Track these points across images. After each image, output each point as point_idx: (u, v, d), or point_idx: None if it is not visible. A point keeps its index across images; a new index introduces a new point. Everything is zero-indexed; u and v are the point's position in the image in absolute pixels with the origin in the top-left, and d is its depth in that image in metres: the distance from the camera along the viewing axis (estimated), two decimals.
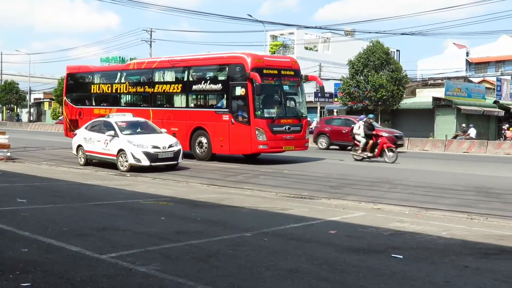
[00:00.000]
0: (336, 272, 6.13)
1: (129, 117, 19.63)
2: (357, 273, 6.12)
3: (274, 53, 60.13)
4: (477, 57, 73.42)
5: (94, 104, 25.94)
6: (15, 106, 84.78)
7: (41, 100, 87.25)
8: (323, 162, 21.99)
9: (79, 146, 19.37)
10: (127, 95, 24.87)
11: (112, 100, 25.43)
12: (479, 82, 58.78)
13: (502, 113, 49.38)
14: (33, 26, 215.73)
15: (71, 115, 26.52)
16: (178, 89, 22.03)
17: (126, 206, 10.94)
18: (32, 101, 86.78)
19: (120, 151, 17.45)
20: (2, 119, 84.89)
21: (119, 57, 68.13)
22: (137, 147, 17.25)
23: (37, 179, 15.10)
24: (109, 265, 6.19)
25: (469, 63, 73.59)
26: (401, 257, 6.87)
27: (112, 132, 17.85)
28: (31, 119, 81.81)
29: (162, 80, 22.94)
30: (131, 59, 70.62)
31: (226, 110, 19.47)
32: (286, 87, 19.86)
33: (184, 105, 21.68)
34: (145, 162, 17.11)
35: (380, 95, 41.01)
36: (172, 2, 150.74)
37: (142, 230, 8.33)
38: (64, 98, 27.87)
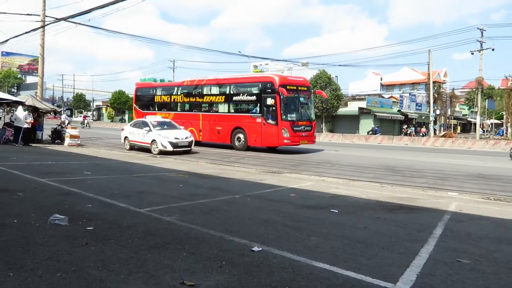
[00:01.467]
0: (295, 221, 6.17)
1: (159, 118, 20.06)
2: (308, 221, 6.16)
3: None
4: (387, 81, 74.66)
5: (156, 109, 25.17)
6: (83, 110, 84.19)
7: (100, 106, 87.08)
8: (287, 150, 21.99)
9: (126, 137, 19.54)
10: (182, 104, 24.10)
11: (170, 107, 24.76)
12: (388, 98, 59.74)
13: (402, 118, 51.08)
14: (96, 56, 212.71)
15: (139, 117, 24.46)
16: (222, 99, 21.34)
17: (157, 177, 10.88)
18: (94, 107, 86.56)
19: (153, 140, 17.65)
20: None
21: (153, 78, 67.36)
22: (164, 138, 17.46)
23: (98, 159, 14.96)
24: (145, 216, 6.17)
25: (382, 85, 74.50)
26: (337, 211, 6.92)
27: (147, 128, 18.12)
28: (93, 119, 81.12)
29: (209, 93, 22.30)
30: (160, 80, 70.78)
31: (259, 114, 19.00)
32: (301, 99, 19.43)
33: (226, 110, 21.08)
34: (170, 148, 17.26)
35: (324, 105, 41.29)
36: (189, 41, 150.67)
37: (167, 193, 8.30)
38: (134, 105, 27.50)
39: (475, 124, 34.89)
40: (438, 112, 49.18)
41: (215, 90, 21.95)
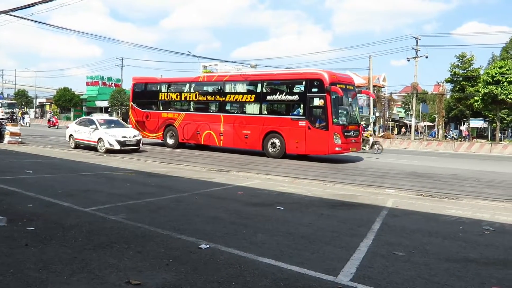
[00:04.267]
0: (242, 218, 6.19)
1: (105, 116, 19.36)
2: (255, 218, 6.21)
3: None
4: None
5: (161, 109, 21.05)
6: (25, 107, 79.50)
7: (44, 103, 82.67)
8: (236, 151, 21.88)
9: (71, 135, 18.64)
10: (196, 103, 19.85)
11: (180, 106, 20.67)
12: None
13: None
14: (40, 52, 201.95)
15: (137, 117, 21.70)
16: (251, 98, 17.56)
17: (103, 176, 10.50)
18: (37, 104, 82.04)
19: (99, 139, 16.99)
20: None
21: (100, 76, 64.99)
22: (111, 136, 16.88)
23: (40, 157, 14.18)
24: (90, 215, 5.94)
25: None
26: (283, 208, 7.02)
27: (94, 126, 17.42)
28: (36, 116, 76.81)
29: (233, 91, 18.38)
30: (108, 78, 68.18)
31: (303, 117, 15.75)
32: (350, 99, 16.46)
33: (257, 112, 17.34)
34: (117, 146, 16.70)
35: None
36: (138, 40, 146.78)
37: (113, 192, 8.03)
38: (131, 103, 22.63)
39: (410, 126, 36.81)
40: (377, 114, 51.27)
41: (241, 87, 18.28)
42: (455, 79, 41.32)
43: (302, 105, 16.00)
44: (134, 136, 17.50)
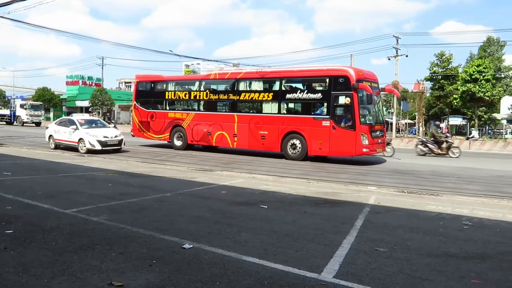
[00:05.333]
0: (226, 217, 6.18)
1: (86, 116, 19.04)
2: (239, 217, 6.21)
3: None
4: None
5: (168, 108, 19.72)
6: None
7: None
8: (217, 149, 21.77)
9: (50, 135, 18.29)
10: (207, 102, 18.38)
11: (189, 105, 19.34)
12: None
13: None
14: (18, 51, 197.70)
15: (142, 118, 20.25)
16: (268, 97, 16.43)
17: (84, 177, 10.35)
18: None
19: (80, 139, 16.74)
20: None
21: (80, 75, 63.96)
22: (92, 136, 16.66)
23: (19, 158, 13.90)
24: (71, 217, 5.85)
25: None
26: (266, 207, 7.04)
27: (74, 126, 17.15)
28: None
29: (249, 89, 17.20)
30: (89, 78, 67.10)
31: (327, 116, 14.73)
32: (376, 97, 15.48)
33: (275, 111, 16.20)
34: (98, 147, 16.48)
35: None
36: (118, 39, 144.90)
37: (95, 193, 7.92)
38: (134, 102, 21.10)
39: (391, 123, 37.33)
40: None
41: (258, 85, 17.10)
42: (434, 77, 42.04)
43: (325, 104, 15.00)
44: (116, 136, 17.31)
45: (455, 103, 38.53)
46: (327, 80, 15.11)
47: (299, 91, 15.87)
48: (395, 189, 9.52)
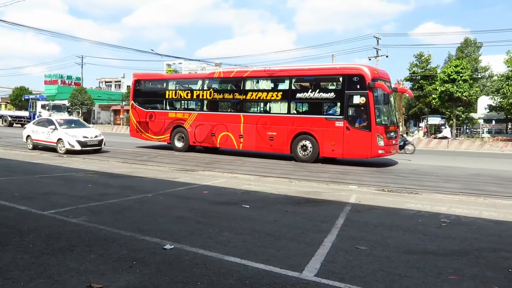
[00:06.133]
0: (207, 217, 6.16)
1: (65, 116, 18.65)
2: (220, 217, 6.19)
3: None
4: None
5: (168, 108, 18.85)
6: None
7: None
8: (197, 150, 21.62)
9: (28, 136, 17.92)
10: (211, 102, 17.61)
11: (191, 105, 18.48)
12: None
13: None
14: None
15: (139, 118, 19.35)
16: (277, 96, 15.75)
17: (63, 178, 10.16)
18: None
19: (59, 139, 16.43)
20: None
21: (59, 74, 62.85)
22: (72, 137, 16.38)
23: None
24: (49, 219, 5.74)
25: None
26: (248, 206, 7.04)
27: (53, 126, 16.84)
28: None
29: (256, 88, 16.46)
30: (68, 77, 65.97)
31: (340, 117, 14.15)
32: (390, 97, 14.99)
33: (285, 111, 15.53)
34: (78, 147, 16.21)
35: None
36: (99, 38, 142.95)
37: (74, 194, 7.79)
38: (132, 102, 19.98)
39: None
40: None
41: (265, 84, 16.37)
42: (414, 77, 42.69)
43: (339, 104, 14.40)
44: (96, 136, 17.06)
45: (434, 103, 39.23)
46: (341, 78, 14.50)
47: (310, 90, 15.15)
48: (376, 187, 9.65)
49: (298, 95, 15.40)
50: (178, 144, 18.40)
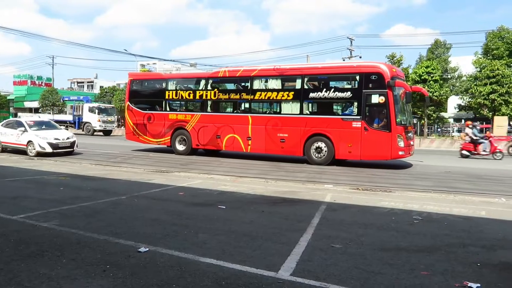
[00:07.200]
0: (183, 219, 6.11)
1: (35, 117, 18.16)
2: (196, 219, 6.15)
3: None
4: None
5: (168, 109, 17.82)
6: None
7: None
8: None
9: None
10: (215, 102, 16.72)
11: (194, 106, 17.57)
12: None
13: None
14: None
15: (137, 120, 18.25)
16: (288, 96, 14.99)
17: (34, 181, 9.88)
18: None
19: (29, 141, 15.98)
20: None
21: (29, 75, 61.10)
22: (42, 139, 15.93)
23: None
24: (18, 223, 5.58)
25: None
26: (225, 207, 7.02)
27: (23, 128, 16.38)
28: None
29: (265, 88, 15.69)
30: (38, 77, 64.19)
31: (358, 117, 13.57)
32: (411, 95, 14.51)
33: (297, 111, 14.78)
34: (49, 149, 15.79)
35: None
36: (70, 38, 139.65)
37: (45, 197, 7.59)
38: (127, 103, 18.86)
39: None
40: None
41: (275, 83, 15.54)
42: None
43: (356, 103, 13.84)
44: (68, 138, 16.67)
45: None
46: (357, 77, 13.90)
47: (324, 89, 14.41)
48: (351, 186, 9.78)
49: (312, 95, 14.70)
50: (180, 147, 17.50)
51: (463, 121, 48.91)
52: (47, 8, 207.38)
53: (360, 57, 36.66)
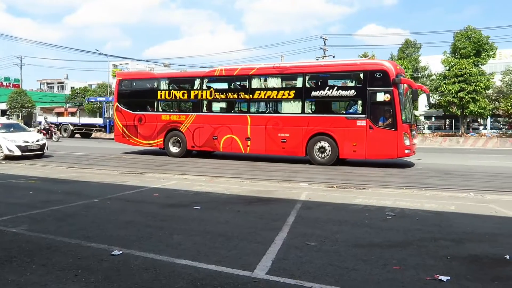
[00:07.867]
0: (157, 221, 6.03)
1: (3, 120, 17.57)
2: (171, 220, 6.09)
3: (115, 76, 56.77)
4: None
5: (160, 110, 17.08)
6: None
7: None
8: (143, 151, 21.04)
9: None
10: (212, 102, 16.20)
11: (189, 106, 17.02)
12: None
13: None
14: None
15: (126, 121, 17.43)
16: (289, 95, 14.56)
17: (1, 185, 9.57)
18: None
19: None
20: None
21: None
22: (11, 141, 15.45)
23: None
24: None
25: None
26: (200, 208, 6.97)
27: None
28: None
29: (264, 86, 15.19)
30: (6, 78, 62.19)
31: (362, 115, 13.31)
32: (418, 92, 14.40)
33: (298, 110, 14.40)
34: (18, 152, 15.33)
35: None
36: (38, 38, 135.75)
37: (13, 202, 7.36)
38: (116, 104, 17.95)
39: None
40: None
41: (275, 82, 15.09)
42: None
43: (360, 102, 13.57)
44: (38, 141, 16.24)
45: None
46: (361, 75, 13.65)
47: (327, 87, 14.08)
48: (325, 184, 9.88)
49: (314, 93, 14.29)
50: (174, 149, 16.82)
51: (433, 118, 50.24)
52: (14, 7, 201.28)
53: (334, 57, 37.14)
